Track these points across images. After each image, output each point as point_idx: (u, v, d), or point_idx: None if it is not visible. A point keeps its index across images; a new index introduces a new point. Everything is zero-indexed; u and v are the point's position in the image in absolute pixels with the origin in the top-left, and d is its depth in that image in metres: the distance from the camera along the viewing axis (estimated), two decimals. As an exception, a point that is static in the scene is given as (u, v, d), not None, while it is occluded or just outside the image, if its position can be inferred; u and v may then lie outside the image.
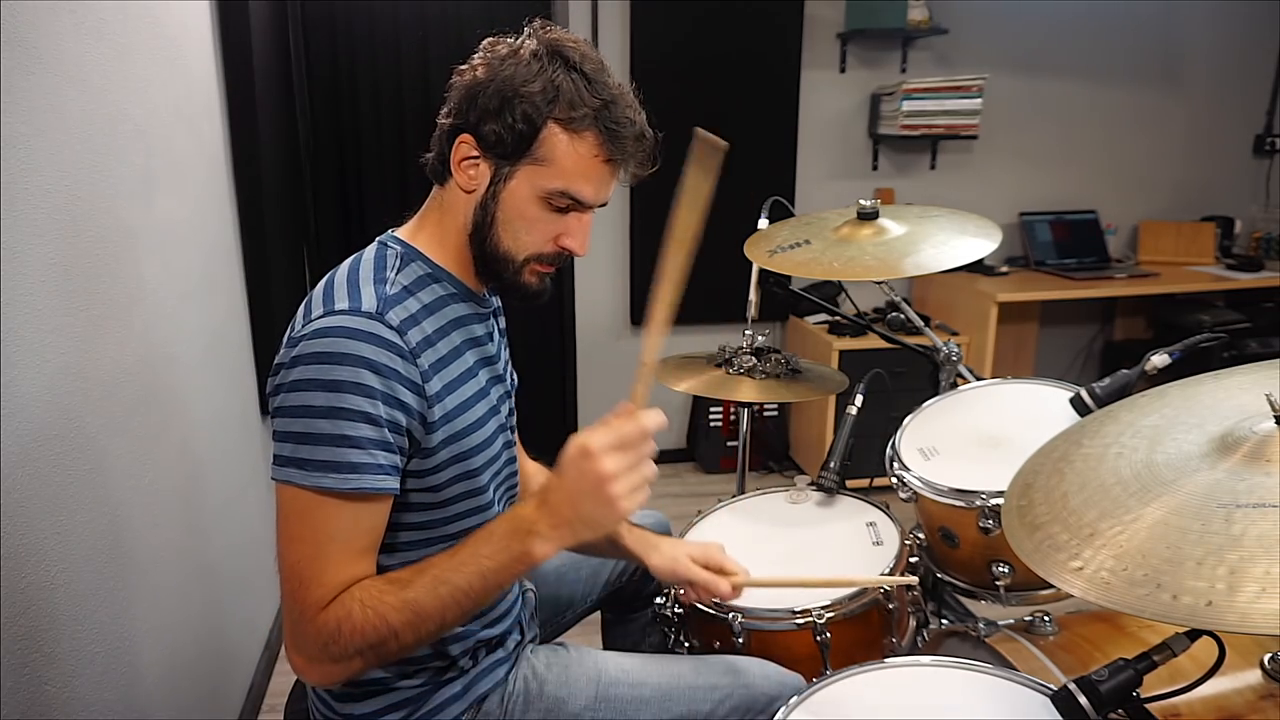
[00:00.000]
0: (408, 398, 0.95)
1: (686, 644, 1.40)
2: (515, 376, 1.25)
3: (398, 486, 0.97)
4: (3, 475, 1.07)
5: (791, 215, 1.91)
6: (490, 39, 1.04)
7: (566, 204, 1.02)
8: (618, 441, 0.88)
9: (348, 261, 1.04)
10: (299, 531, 0.95)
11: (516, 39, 1.02)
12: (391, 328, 0.95)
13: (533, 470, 1.41)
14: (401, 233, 1.09)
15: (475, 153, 1.00)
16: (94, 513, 1.31)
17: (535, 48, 0.99)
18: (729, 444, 3.53)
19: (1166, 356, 1.37)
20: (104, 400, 1.37)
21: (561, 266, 1.09)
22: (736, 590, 1.22)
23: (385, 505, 0.98)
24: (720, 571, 1.23)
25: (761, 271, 1.82)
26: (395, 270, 1.02)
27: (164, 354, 1.65)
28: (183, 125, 1.86)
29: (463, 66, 1.04)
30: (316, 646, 0.93)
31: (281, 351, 0.97)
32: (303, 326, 0.96)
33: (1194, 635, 0.88)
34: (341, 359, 0.92)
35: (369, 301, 0.96)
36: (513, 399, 1.24)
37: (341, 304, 0.96)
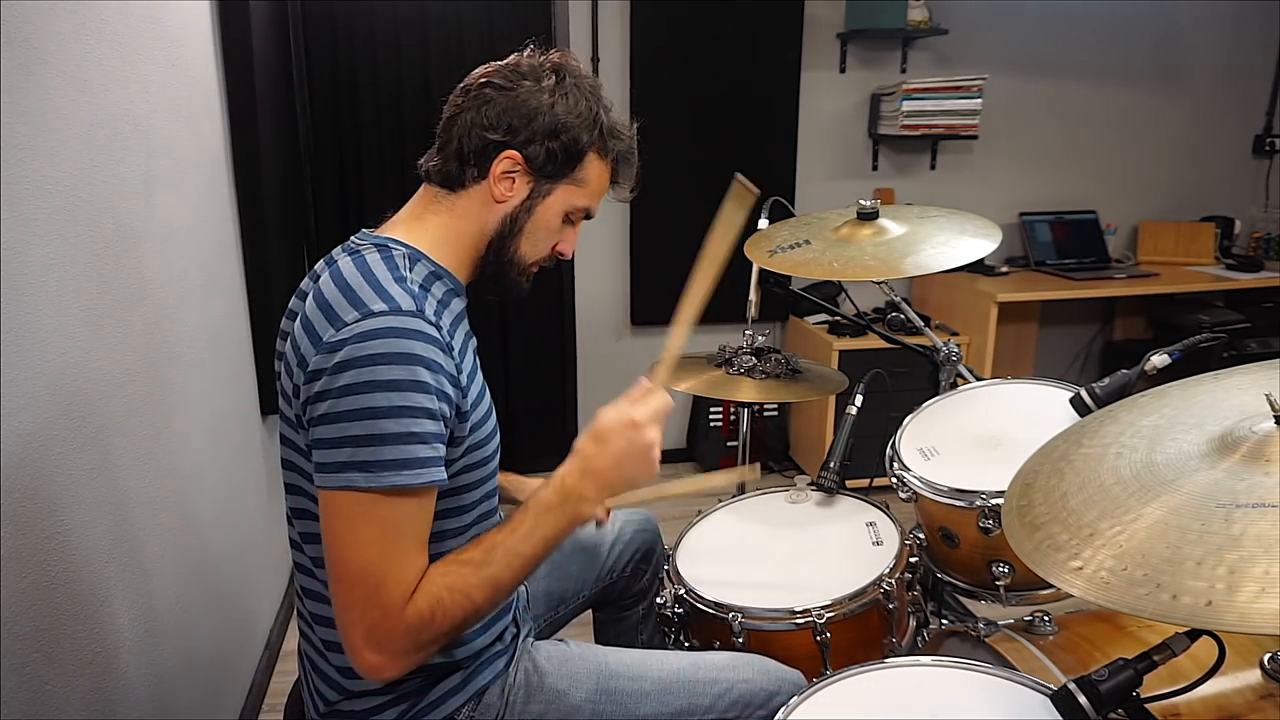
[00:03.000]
0: (451, 391, 0.99)
1: (686, 644, 1.41)
2: None
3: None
4: (3, 475, 1.08)
5: (791, 215, 1.91)
6: (515, 59, 1.11)
7: (579, 218, 1.15)
8: (656, 414, 1.05)
9: (349, 264, 1.03)
10: (367, 535, 0.94)
11: (535, 58, 1.10)
12: (432, 323, 0.98)
13: None
14: (395, 233, 1.10)
15: (518, 168, 1.08)
16: (94, 513, 1.31)
17: (574, 80, 1.10)
18: (729, 444, 3.53)
19: (1166, 356, 1.37)
20: (104, 400, 1.37)
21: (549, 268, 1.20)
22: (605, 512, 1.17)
23: (435, 495, 1.01)
24: None
25: (761, 271, 1.82)
26: (407, 269, 1.05)
27: (164, 354, 1.65)
28: (183, 125, 1.86)
29: (493, 82, 1.08)
30: (407, 640, 0.96)
31: (315, 358, 0.96)
32: (338, 331, 0.95)
33: (1194, 635, 0.88)
34: (397, 359, 0.94)
35: (405, 300, 0.98)
36: None
37: (377, 305, 0.96)
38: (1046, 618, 1.26)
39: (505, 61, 1.11)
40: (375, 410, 0.93)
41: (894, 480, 1.45)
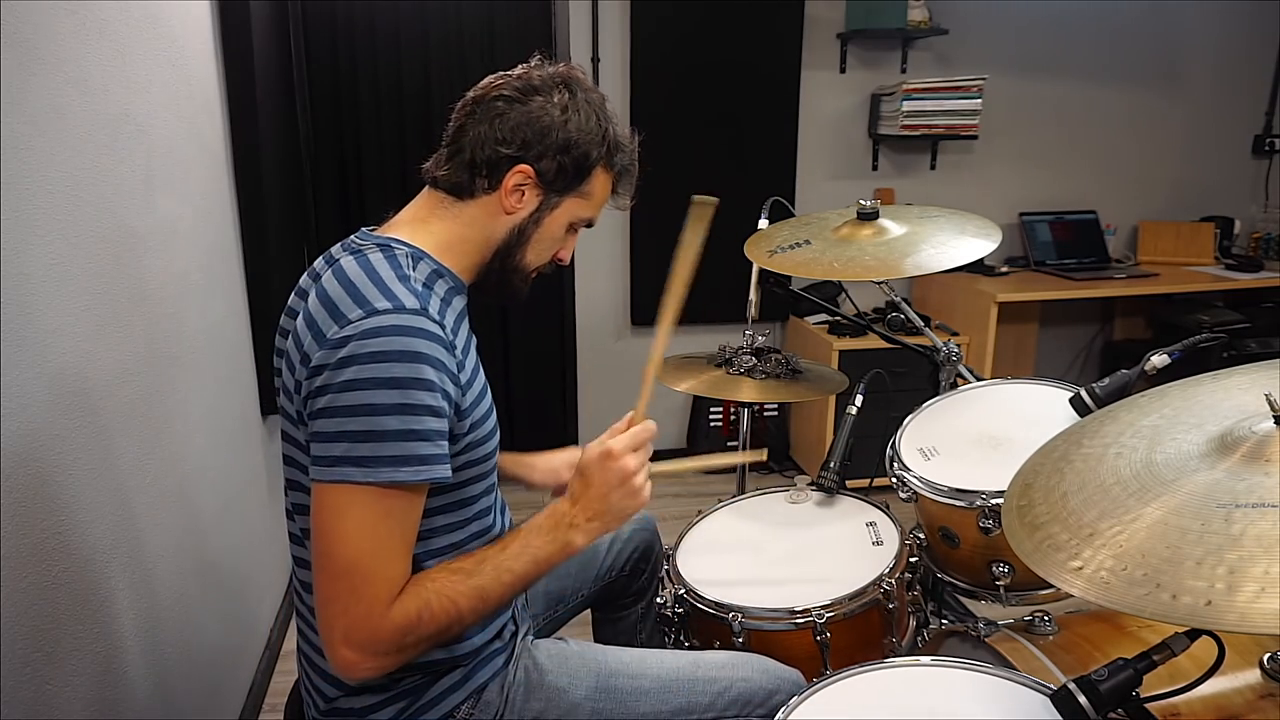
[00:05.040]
0: (452, 389, 1.00)
1: (686, 643, 1.41)
2: None
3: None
4: (3, 475, 1.08)
5: (791, 215, 1.91)
6: (523, 71, 1.11)
7: (581, 226, 1.18)
8: (634, 443, 1.09)
9: (353, 263, 1.04)
10: (357, 529, 0.95)
11: (544, 70, 1.11)
12: (436, 322, 0.99)
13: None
14: (398, 234, 1.10)
15: (529, 182, 1.10)
16: (95, 512, 1.32)
17: (584, 95, 1.11)
18: (729, 444, 3.53)
19: (1166, 356, 1.37)
20: (105, 400, 1.37)
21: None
22: None
23: (425, 496, 1.02)
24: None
25: (761, 271, 1.82)
26: (410, 268, 1.05)
27: (165, 354, 1.65)
28: (183, 125, 1.86)
29: (504, 95, 1.08)
30: (390, 640, 0.96)
31: (318, 354, 0.96)
32: (341, 329, 0.96)
33: (1193, 635, 0.88)
34: (400, 356, 0.95)
35: (409, 299, 0.99)
36: None
37: (382, 303, 0.97)
38: (1046, 618, 1.26)
39: (515, 73, 1.11)
40: (376, 407, 0.93)
41: (894, 480, 1.45)
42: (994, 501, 1.30)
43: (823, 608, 1.29)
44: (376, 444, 0.94)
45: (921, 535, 1.47)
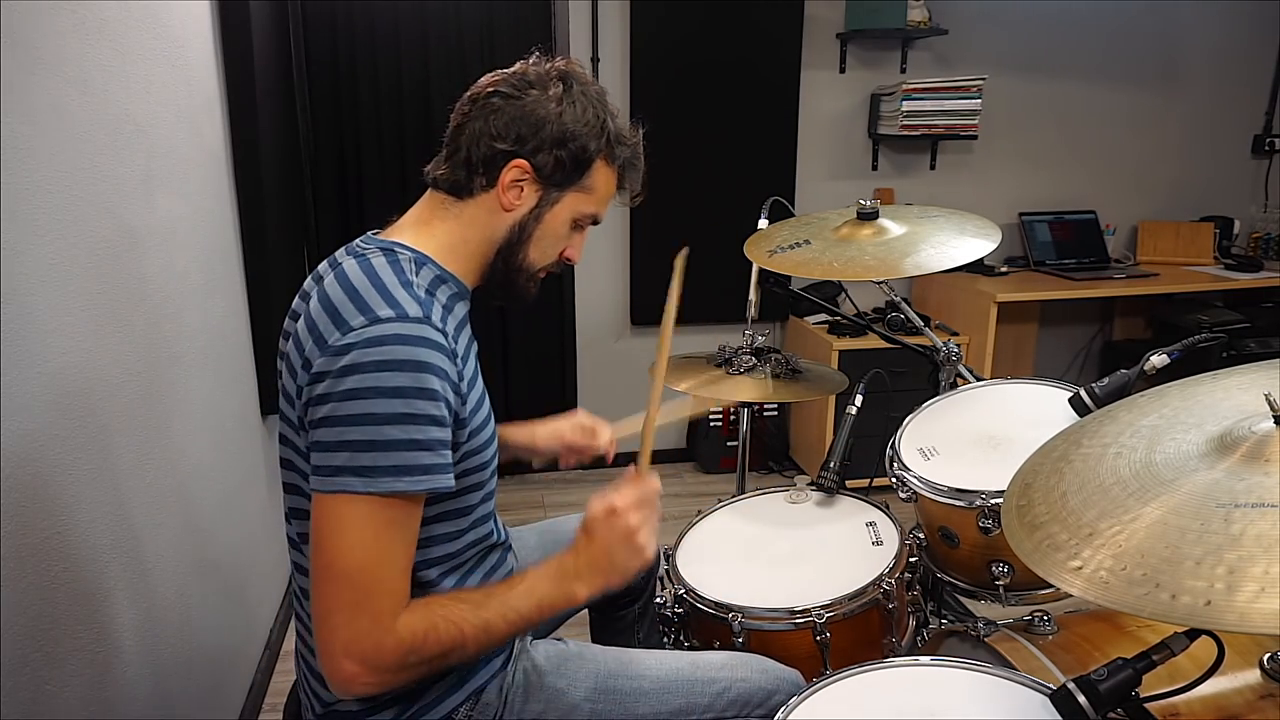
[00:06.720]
0: (453, 398, 1.00)
1: (686, 644, 1.41)
2: None
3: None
4: (3, 475, 1.08)
5: (791, 215, 1.91)
6: (520, 67, 1.11)
7: (587, 223, 1.16)
8: (638, 501, 1.07)
9: (355, 267, 1.04)
10: (360, 540, 0.94)
11: (541, 66, 1.10)
12: (439, 330, 0.99)
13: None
14: (402, 238, 1.10)
15: (526, 177, 1.08)
16: (95, 512, 1.32)
17: (581, 88, 1.10)
18: (729, 444, 3.53)
19: (1165, 356, 1.37)
20: (105, 400, 1.37)
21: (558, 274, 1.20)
22: (610, 443, 1.46)
23: (423, 505, 1.02)
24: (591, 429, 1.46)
25: (761, 271, 1.82)
26: (413, 274, 1.05)
27: (165, 354, 1.65)
28: (183, 125, 1.86)
29: (500, 91, 1.08)
30: (394, 656, 0.95)
31: (319, 360, 0.96)
32: (344, 335, 0.95)
33: (1193, 635, 0.88)
34: (403, 365, 0.94)
35: (413, 307, 0.98)
36: None
37: (384, 310, 0.97)
38: (1046, 617, 1.26)
39: (512, 70, 1.10)
40: (379, 416, 0.93)
41: (894, 480, 1.45)
42: (993, 501, 1.30)
43: (822, 608, 1.29)
44: (378, 454, 0.93)
45: (921, 535, 1.47)
